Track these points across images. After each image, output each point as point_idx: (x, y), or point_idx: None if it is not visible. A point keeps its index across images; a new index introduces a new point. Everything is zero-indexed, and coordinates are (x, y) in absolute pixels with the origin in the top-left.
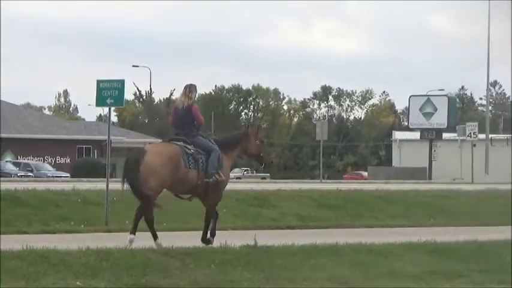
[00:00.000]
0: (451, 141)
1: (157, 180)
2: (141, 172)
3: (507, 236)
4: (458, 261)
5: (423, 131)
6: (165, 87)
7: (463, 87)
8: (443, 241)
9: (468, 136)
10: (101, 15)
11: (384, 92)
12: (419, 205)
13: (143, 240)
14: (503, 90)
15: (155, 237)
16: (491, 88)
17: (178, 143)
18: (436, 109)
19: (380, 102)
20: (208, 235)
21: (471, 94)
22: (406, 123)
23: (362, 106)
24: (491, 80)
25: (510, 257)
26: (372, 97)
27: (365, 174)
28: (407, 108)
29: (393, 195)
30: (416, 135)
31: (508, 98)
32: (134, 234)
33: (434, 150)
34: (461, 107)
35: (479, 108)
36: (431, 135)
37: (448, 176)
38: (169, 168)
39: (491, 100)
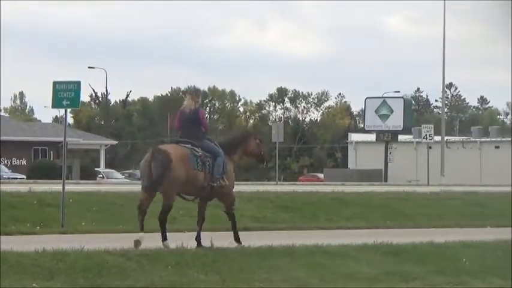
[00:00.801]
0: (407, 143)
1: (174, 180)
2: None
3: (462, 238)
4: (415, 262)
5: (379, 133)
6: (121, 88)
7: (418, 89)
8: (400, 243)
9: (424, 138)
10: (56, 15)
11: (340, 94)
12: (375, 207)
13: (99, 242)
14: (459, 92)
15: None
16: (447, 90)
17: (186, 145)
18: (392, 111)
19: (336, 104)
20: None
21: (427, 96)
22: (362, 125)
23: (318, 108)
24: (447, 82)
25: (465, 259)
26: (327, 99)
27: (321, 176)
28: (363, 110)
29: (349, 197)
30: (372, 137)
31: (464, 99)
32: (166, 239)
33: (390, 153)
34: (417, 109)
35: (435, 110)
36: (387, 137)
37: (403, 178)
38: (183, 168)
39: (446, 102)
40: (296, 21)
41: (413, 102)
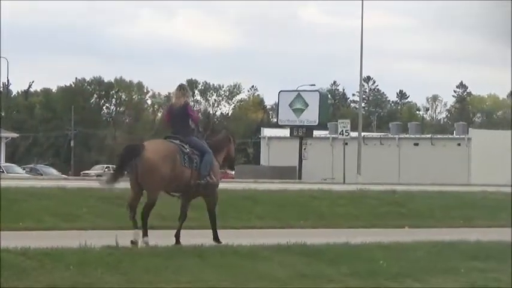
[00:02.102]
0: (322, 139)
1: (158, 176)
2: (139, 168)
3: (379, 239)
4: (329, 264)
5: (293, 128)
6: (24, 78)
7: (335, 82)
8: (314, 243)
9: (340, 134)
10: None
11: (253, 86)
12: (289, 206)
13: None
14: (377, 86)
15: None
16: (365, 84)
17: (174, 141)
18: (306, 105)
19: (248, 97)
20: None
21: (344, 90)
22: (276, 120)
23: (229, 101)
24: (365, 75)
25: (382, 261)
26: (240, 92)
27: (232, 172)
28: (277, 104)
29: (261, 195)
30: (286, 132)
31: (382, 93)
32: (147, 235)
33: (305, 149)
34: (333, 103)
35: (352, 104)
36: (302, 133)
37: (319, 175)
38: (168, 164)
39: (364, 96)
40: (207, 9)
41: (329, 96)
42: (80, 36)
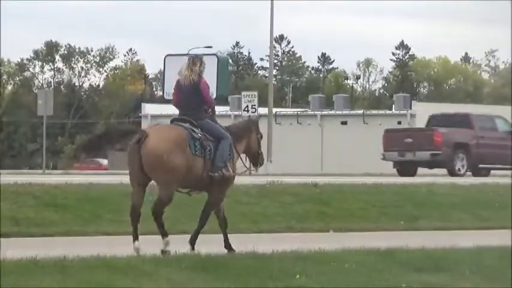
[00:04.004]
0: (222, 117)
1: (170, 168)
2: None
3: (295, 246)
4: (233, 280)
5: None
6: None
7: (238, 43)
8: (212, 253)
9: (244, 110)
10: None
11: (131, 50)
12: (176, 205)
13: None
14: (292, 47)
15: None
16: (276, 45)
17: (184, 124)
18: None
19: (125, 64)
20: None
21: (249, 53)
22: (161, 93)
23: (101, 69)
24: (276, 34)
25: (300, 274)
26: (114, 57)
27: (105, 162)
28: (162, 73)
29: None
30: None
31: (299, 58)
32: (167, 235)
33: None
34: (235, 71)
35: (260, 72)
36: None
37: None
38: (180, 153)
39: (276, 61)
40: None
41: (230, 61)
42: None
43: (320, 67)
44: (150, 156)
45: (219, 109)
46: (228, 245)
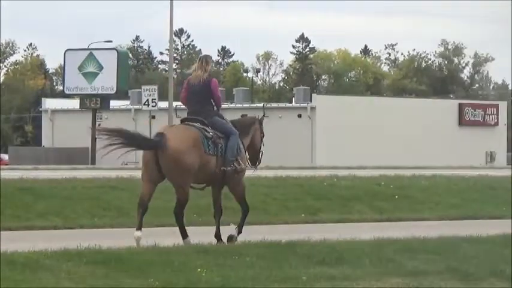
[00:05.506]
0: (123, 112)
1: (186, 168)
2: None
3: (195, 240)
4: (134, 275)
5: (84, 98)
6: None
7: (138, 37)
8: (112, 247)
9: (145, 104)
10: None
11: (31, 45)
12: (78, 199)
13: None
14: (192, 41)
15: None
16: (176, 39)
17: (195, 124)
18: (101, 68)
19: (25, 59)
20: (236, 232)
21: (149, 47)
22: (62, 88)
23: (1, 65)
24: (176, 27)
25: (200, 268)
26: (14, 52)
27: (5, 157)
28: (63, 67)
29: (44, 186)
30: (75, 103)
31: (199, 51)
32: (187, 236)
33: (99, 124)
34: (136, 65)
35: (160, 66)
36: (95, 104)
37: (119, 158)
38: (195, 153)
39: (176, 55)
40: None
41: (130, 55)
42: None
43: (220, 60)
44: (170, 159)
45: (120, 103)
46: (218, 236)
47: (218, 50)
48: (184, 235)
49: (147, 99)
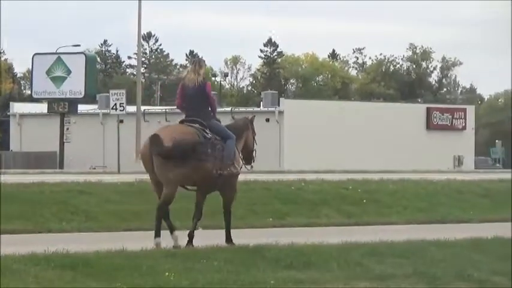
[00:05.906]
0: (91, 116)
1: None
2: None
3: (163, 244)
4: (101, 279)
5: (52, 102)
6: None
7: (106, 41)
8: (80, 251)
9: (113, 109)
10: None
11: None
12: (45, 203)
13: None
14: (160, 45)
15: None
16: (144, 43)
17: (194, 125)
18: (69, 72)
19: None
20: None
21: (117, 51)
22: (29, 92)
23: None
24: (145, 31)
25: (168, 272)
26: None
27: None
28: (31, 72)
29: (10, 190)
30: (43, 107)
31: (167, 55)
32: (160, 235)
33: (67, 129)
34: (104, 69)
35: (128, 70)
36: (63, 108)
37: (86, 163)
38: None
39: (144, 59)
40: None
41: (98, 59)
42: None
43: (187, 64)
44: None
45: (88, 107)
46: (191, 237)
47: (186, 54)
48: (157, 234)
49: (115, 104)
